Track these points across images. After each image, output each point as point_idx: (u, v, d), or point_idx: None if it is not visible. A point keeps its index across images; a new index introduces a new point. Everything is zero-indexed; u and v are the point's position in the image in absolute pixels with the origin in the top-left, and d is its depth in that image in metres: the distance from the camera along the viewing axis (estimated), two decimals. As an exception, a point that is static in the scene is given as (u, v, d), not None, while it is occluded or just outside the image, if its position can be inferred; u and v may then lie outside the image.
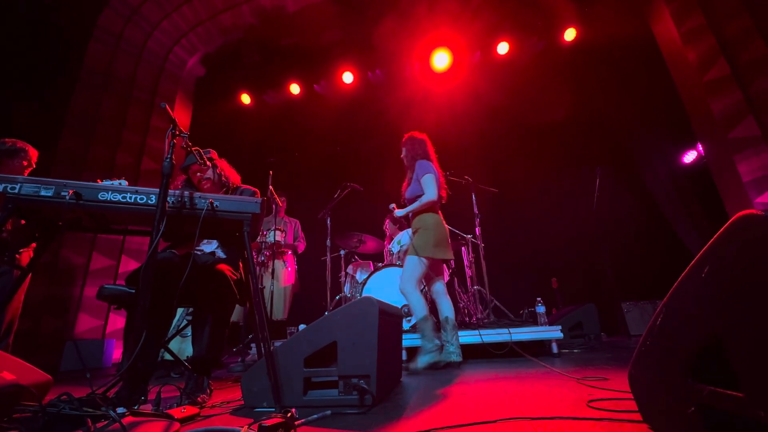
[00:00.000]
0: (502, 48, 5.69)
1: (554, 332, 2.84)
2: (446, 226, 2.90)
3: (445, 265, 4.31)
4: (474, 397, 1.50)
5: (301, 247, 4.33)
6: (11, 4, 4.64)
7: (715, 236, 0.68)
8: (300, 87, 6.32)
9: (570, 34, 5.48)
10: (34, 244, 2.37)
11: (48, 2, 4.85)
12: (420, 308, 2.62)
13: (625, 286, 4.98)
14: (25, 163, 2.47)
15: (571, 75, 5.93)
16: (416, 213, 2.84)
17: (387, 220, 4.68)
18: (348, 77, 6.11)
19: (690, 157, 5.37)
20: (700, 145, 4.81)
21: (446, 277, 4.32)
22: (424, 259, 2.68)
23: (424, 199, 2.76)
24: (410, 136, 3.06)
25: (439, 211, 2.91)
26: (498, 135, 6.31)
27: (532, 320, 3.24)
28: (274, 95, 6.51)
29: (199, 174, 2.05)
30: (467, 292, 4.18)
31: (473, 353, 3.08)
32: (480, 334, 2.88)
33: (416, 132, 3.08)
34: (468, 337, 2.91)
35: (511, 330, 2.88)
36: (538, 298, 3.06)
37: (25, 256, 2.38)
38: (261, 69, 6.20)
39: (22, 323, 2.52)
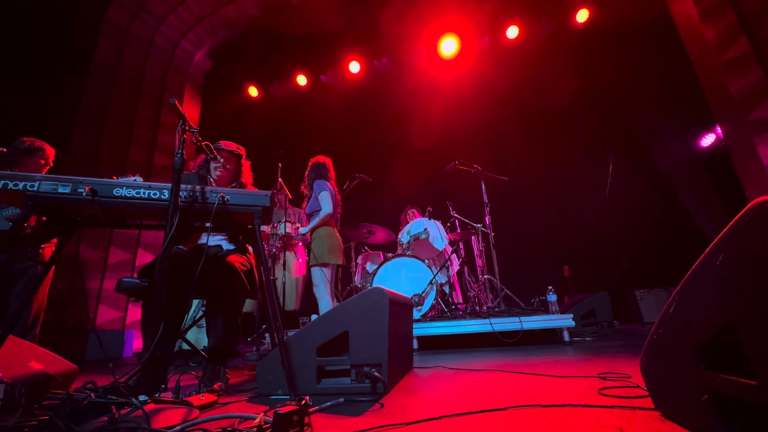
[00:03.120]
0: (512, 32, 5.55)
1: (566, 320, 2.83)
2: (339, 235, 3.37)
3: (455, 254, 4.32)
4: (485, 384, 1.52)
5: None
6: (20, 1, 4.70)
7: (731, 223, 0.67)
8: (306, 78, 6.29)
9: (582, 15, 5.30)
10: (55, 240, 2.45)
11: (57, 2, 4.89)
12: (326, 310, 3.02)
13: (639, 273, 4.91)
14: (42, 162, 2.53)
15: (583, 58, 5.77)
16: (315, 228, 3.27)
17: (412, 211, 4.67)
18: (354, 67, 6.06)
19: (708, 140, 5.21)
20: (718, 128, 4.66)
21: (456, 266, 4.34)
22: (323, 266, 3.18)
23: (321, 214, 3.21)
24: (314, 161, 3.50)
25: (334, 224, 3.37)
26: (508, 122, 6.21)
27: (544, 309, 3.23)
28: (281, 87, 6.51)
29: (222, 160, 2.09)
30: (477, 281, 4.18)
31: (484, 342, 3.10)
32: (490, 323, 2.89)
33: (320, 156, 3.53)
34: (478, 325, 2.93)
35: (522, 318, 2.87)
36: (550, 287, 3.05)
37: (48, 251, 2.46)
38: (267, 61, 6.19)
39: (47, 315, 2.62)
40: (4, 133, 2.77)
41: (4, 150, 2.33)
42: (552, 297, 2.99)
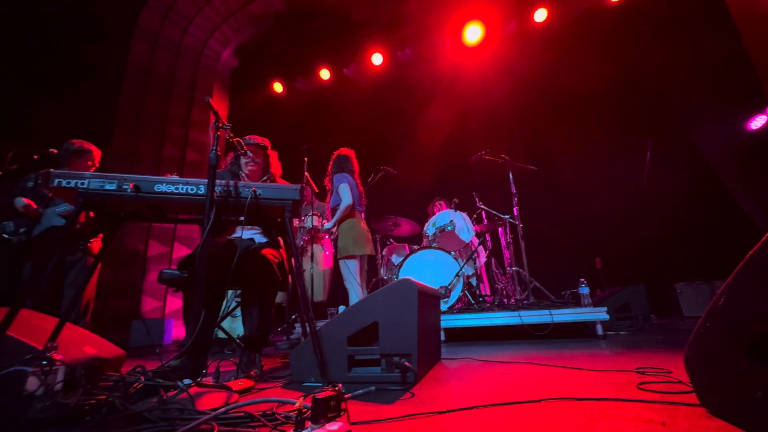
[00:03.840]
0: (540, 15, 5.33)
1: (599, 314, 2.74)
2: (364, 226, 3.39)
3: (481, 246, 4.26)
4: (515, 377, 1.50)
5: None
6: (63, 15, 4.97)
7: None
8: (330, 72, 6.33)
9: (616, -8, 5.02)
10: (101, 234, 2.62)
11: (93, 9, 5.13)
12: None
13: (679, 265, 4.66)
14: (89, 163, 2.70)
15: (616, 38, 5.46)
16: (339, 221, 3.29)
17: (438, 203, 4.64)
18: (377, 58, 6.03)
19: (758, 122, 4.82)
20: (771, 108, 4.30)
21: (483, 258, 4.28)
22: (351, 258, 3.21)
23: (342, 206, 3.23)
24: (337, 154, 3.52)
25: (358, 215, 3.39)
26: (536, 109, 5.99)
27: (575, 302, 3.14)
28: (305, 82, 6.58)
29: (251, 155, 2.16)
30: (505, 274, 4.11)
31: (512, 334, 3.06)
32: (519, 315, 2.84)
33: (344, 149, 3.55)
34: (507, 318, 2.89)
35: (552, 311, 2.81)
36: (582, 279, 2.96)
37: (95, 245, 2.64)
38: (291, 56, 6.27)
39: (95, 304, 2.82)
40: (50, 134, 2.97)
41: (55, 151, 2.50)
42: (584, 289, 2.90)
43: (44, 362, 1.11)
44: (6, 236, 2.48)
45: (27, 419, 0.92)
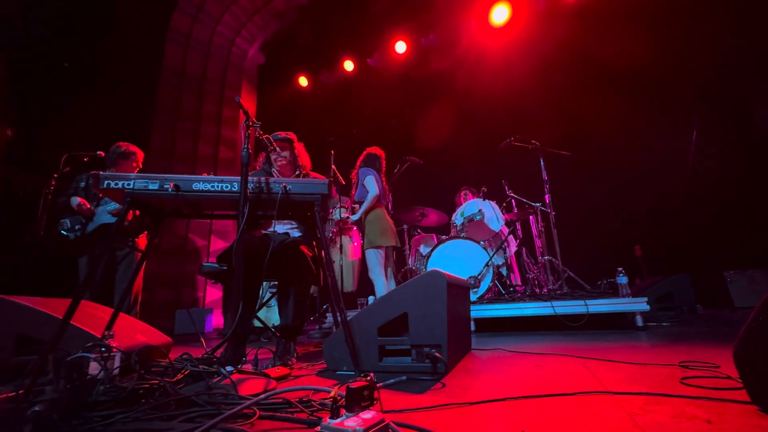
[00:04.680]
0: (573, -11, 5.03)
1: (639, 304, 2.62)
2: (389, 218, 3.46)
3: (511, 235, 4.17)
4: (549, 368, 1.48)
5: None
6: (98, 19, 5.25)
7: None
8: (354, 63, 6.33)
9: (659, -40, 4.63)
10: (145, 231, 2.80)
11: (128, 16, 5.38)
12: (382, 292, 3.24)
13: (728, 252, 4.34)
14: (134, 165, 2.88)
15: (659, 11, 5.05)
16: (367, 210, 3.35)
17: (465, 192, 4.58)
18: (401, 47, 5.95)
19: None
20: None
21: (513, 248, 4.19)
22: (376, 249, 3.28)
23: (369, 196, 3.30)
24: (369, 151, 3.60)
25: (383, 207, 3.46)
26: (568, 92, 5.69)
27: (612, 292, 3.02)
28: (329, 75, 6.62)
29: (278, 150, 2.23)
30: (537, 263, 4.01)
31: (545, 325, 3.00)
32: (552, 306, 2.77)
33: (376, 147, 3.63)
34: (539, 308, 2.83)
35: (588, 302, 2.72)
36: (620, 268, 2.83)
37: (141, 240, 2.83)
38: (315, 50, 6.31)
39: (143, 295, 3.03)
40: (97, 138, 3.17)
41: (102, 154, 2.68)
42: (622, 279, 2.78)
43: (103, 349, 1.22)
44: (64, 232, 2.70)
45: (90, 401, 1.02)
